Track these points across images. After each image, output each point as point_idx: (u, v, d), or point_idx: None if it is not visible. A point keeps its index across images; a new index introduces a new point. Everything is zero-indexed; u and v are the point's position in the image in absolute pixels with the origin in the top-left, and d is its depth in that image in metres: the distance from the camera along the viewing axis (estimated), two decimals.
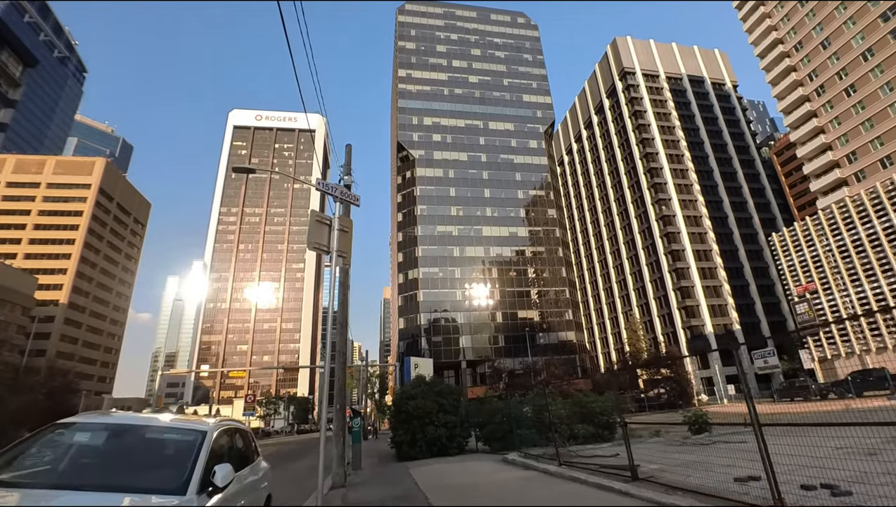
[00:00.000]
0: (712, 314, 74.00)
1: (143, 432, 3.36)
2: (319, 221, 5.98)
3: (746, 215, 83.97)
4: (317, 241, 5.96)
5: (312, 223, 5.83)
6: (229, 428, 3.99)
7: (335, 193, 6.86)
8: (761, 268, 79.82)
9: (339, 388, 9.71)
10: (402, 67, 79.87)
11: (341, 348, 10.16)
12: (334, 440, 9.29)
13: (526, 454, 11.82)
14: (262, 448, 21.96)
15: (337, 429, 9.36)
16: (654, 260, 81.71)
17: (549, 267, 72.72)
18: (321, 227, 5.90)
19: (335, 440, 9.26)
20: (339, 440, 9.26)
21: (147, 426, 3.44)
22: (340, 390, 9.72)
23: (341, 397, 9.69)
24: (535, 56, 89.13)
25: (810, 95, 59.05)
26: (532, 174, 78.11)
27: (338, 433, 9.29)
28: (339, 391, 9.64)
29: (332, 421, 9.55)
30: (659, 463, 8.14)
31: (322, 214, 6.05)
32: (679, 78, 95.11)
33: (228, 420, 4.25)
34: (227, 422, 4.07)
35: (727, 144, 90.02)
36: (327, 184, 6.77)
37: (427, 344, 61.79)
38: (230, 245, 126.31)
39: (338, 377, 9.76)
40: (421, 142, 74.79)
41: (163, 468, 3.11)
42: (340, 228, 6.08)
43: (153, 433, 3.39)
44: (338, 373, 9.84)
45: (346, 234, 6.09)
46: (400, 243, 69.91)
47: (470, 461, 12.58)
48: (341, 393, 9.69)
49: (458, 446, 14.58)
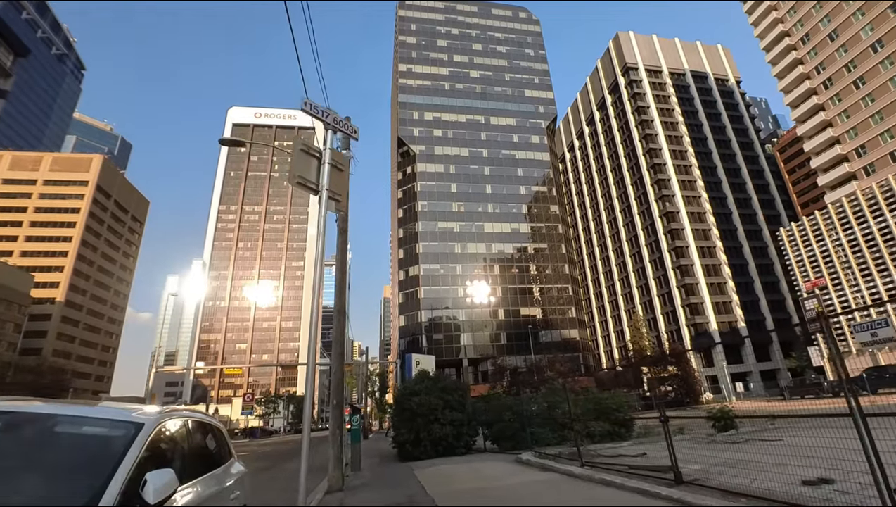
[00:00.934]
0: (717, 312, 73.03)
1: (52, 423, 2.36)
2: (306, 151, 4.90)
3: (750, 212, 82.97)
4: (301, 175, 4.86)
5: (297, 154, 4.76)
6: (186, 422, 3.00)
7: (327, 119, 5.71)
8: (766, 265, 78.85)
9: (337, 383, 8.73)
10: (402, 62, 78.82)
11: (338, 338, 9.15)
12: (331, 439, 8.31)
13: (541, 454, 10.84)
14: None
15: (333, 427, 8.38)
16: (657, 257, 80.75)
17: (551, 264, 71.72)
18: (308, 159, 4.86)
19: (331, 440, 8.28)
20: (335, 439, 8.28)
21: (58, 416, 2.43)
22: (338, 384, 8.74)
23: (339, 392, 8.71)
24: (536, 51, 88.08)
25: (818, 89, 58.03)
26: (534, 170, 77.08)
27: (334, 432, 8.31)
28: (335, 386, 8.66)
29: (330, 419, 8.57)
30: (698, 463, 7.16)
31: (309, 145, 4.96)
32: (682, 74, 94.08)
33: (189, 411, 3.26)
34: (182, 413, 3.06)
35: (731, 140, 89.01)
36: (318, 107, 5.62)
37: (428, 342, 60.81)
38: (229, 243, 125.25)
39: (335, 372, 8.78)
40: (421, 137, 73.76)
41: (70, 474, 2.11)
42: (333, 162, 4.97)
43: (66, 426, 2.38)
44: (334, 366, 8.85)
45: (341, 172, 5.05)
46: (400, 240, 68.90)
47: (479, 461, 11.61)
48: (339, 388, 8.71)
49: (465, 445, 13.64)
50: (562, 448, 11.41)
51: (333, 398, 8.47)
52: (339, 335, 9.07)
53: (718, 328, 70.90)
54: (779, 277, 77.75)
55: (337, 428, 8.38)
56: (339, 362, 8.83)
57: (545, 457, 10.48)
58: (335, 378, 8.63)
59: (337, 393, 8.57)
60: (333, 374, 8.67)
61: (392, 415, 15.49)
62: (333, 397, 8.48)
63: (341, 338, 8.93)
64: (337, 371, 8.69)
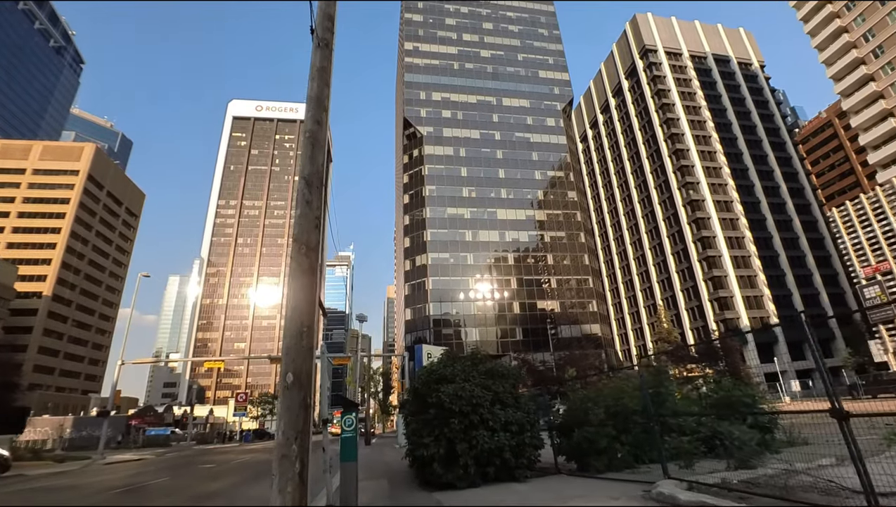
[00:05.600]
0: (747, 306, 67.60)
1: None
2: None
3: (780, 201, 77.48)
4: None
5: None
6: None
7: None
8: (797, 257, 73.27)
9: (292, 326, 3.68)
10: (408, 40, 74.02)
11: (303, 223, 4.14)
12: (278, 459, 3.22)
13: (697, 487, 5.69)
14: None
15: (289, 430, 3.31)
16: (680, 249, 75.43)
17: (569, 254, 66.45)
18: None
19: (277, 464, 3.18)
20: (288, 459, 3.18)
21: None
22: (296, 332, 3.67)
23: (298, 353, 3.63)
24: (550, 31, 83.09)
25: (866, 58, 52.70)
26: (550, 154, 71.96)
27: (287, 443, 3.23)
28: (292, 332, 3.62)
29: (278, 415, 3.49)
30: None
31: None
32: (703, 57, 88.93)
33: None
34: None
35: (756, 125, 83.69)
36: None
37: (436, 337, 55.65)
38: (228, 239, 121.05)
39: (292, 295, 3.75)
40: (429, 118, 68.80)
41: None
42: None
43: None
44: (292, 289, 3.82)
45: None
46: (406, 227, 63.90)
47: (578, 499, 6.40)
48: (297, 339, 3.64)
49: (528, 463, 8.64)
50: (719, 470, 6.26)
51: (284, 369, 3.42)
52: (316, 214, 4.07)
53: (750, 325, 65.37)
54: (811, 270, 72.23)
55: (295, 435, 3.29)
56: (303, 282, 3.80)
57: (707, 491, 5.35)
58: (290, 320, 3.60)
59: (294, 358, 3.48)
60: (290, 311, 3.65)
61: (406, 413, 10.30)
62: (284, 367, 3.44)
63: (318, 217, 3.97)
64: (297, 298, 3.65)
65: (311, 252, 4.08)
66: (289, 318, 3.79)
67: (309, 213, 4.21)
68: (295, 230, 4.18)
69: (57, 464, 23.09)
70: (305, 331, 3.77)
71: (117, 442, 44.05)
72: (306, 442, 3.48)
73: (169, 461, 23.22)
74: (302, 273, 3.95)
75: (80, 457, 27.64)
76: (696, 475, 6.40)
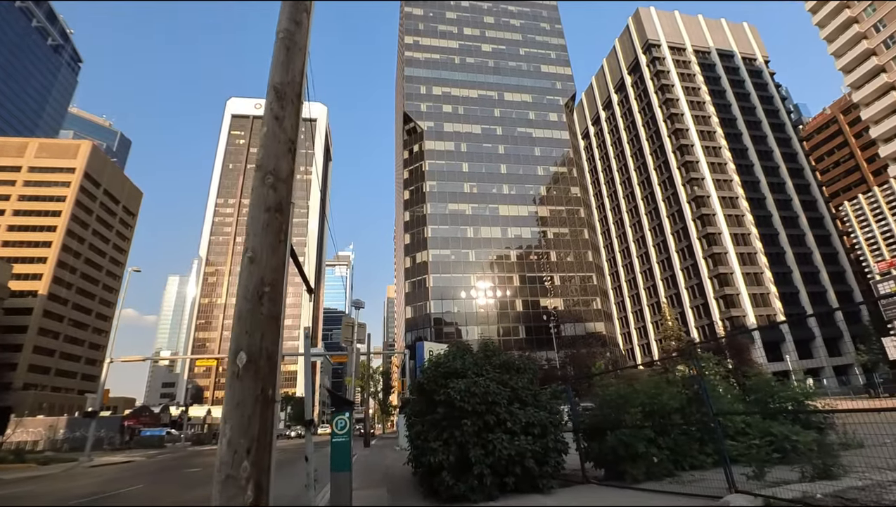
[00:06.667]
0: (754, 304, 66.40)
1: None
2: None
3: (786, 197, 76.34)
4: None
5: None
6: None
7: None
8: (804, 254, 72.09)
9: (248, 284, 2.41)
10: (408, 34, 72.80)
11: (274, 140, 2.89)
12: (220, 482, 1.98)
13: (776, 504, 4.49)
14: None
15: (239, 438, 2.06)
16: (685, 246, 74.24)
17: (573, 250, 65.20)
18: None
19: (223, 484, 1.94)
20: (235, 483, 1.93)
21: None
22: (253, 293, 2.38)
23: (255, 324, 2.35)
24: (552, 25, 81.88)
25: (877, 49, 51.47)
26: (552, 149, 70.72)
27: (235, 458, 1.99)
28: (247, 293, 2.36)
29: (225, 400, 2.27)
30: None
31: None
32: (707, 52, 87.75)
33: None
34: None
35: (761, 121, 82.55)
36: None
37: (437, 335, 54.40)
38: (227, 238, 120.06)
39: (250, 241, 2.48)
40: (430, 113, 67.57)
41: None
42: None
43: None
44: (251, 233, 2.56)
45: None
46: (407, 224, 62.67)
47: None
48: (255, 304, 2.37)
49: (553, 471, 7.42)
50: (773, 476, 5.08)
51: (238, 331, 2.19)
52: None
53: (757, 323, 64.15)
54: (819, 267, 71.08)
55: (247, 446, 2.02)
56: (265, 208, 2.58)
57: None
58: (245, 265, 2.37)
59: (243, 327, 2.22)
60: (251, 221, 2.43)
61: (409, 413, 9.05)
62: (236, 329, 2.21)
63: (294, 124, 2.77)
64: (265, 234, 2.41)
65: (279, 184, 2.89)
66: (244, 273, 2.61)
67: (279, 133, 3.03)
68: (259, 155, 2.99)
69: (39, 467, 21.90)
70: (268, 292, 2.59)
71: (111, 443, 42.85)
72: (265, 457, 2.29)
73: (158, 464, 22.02)
74: (265, 211, 2.77)
75: (67, 459, 26.42)
76: (767, 485, 5.20)
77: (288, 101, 3.13)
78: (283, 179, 2.94)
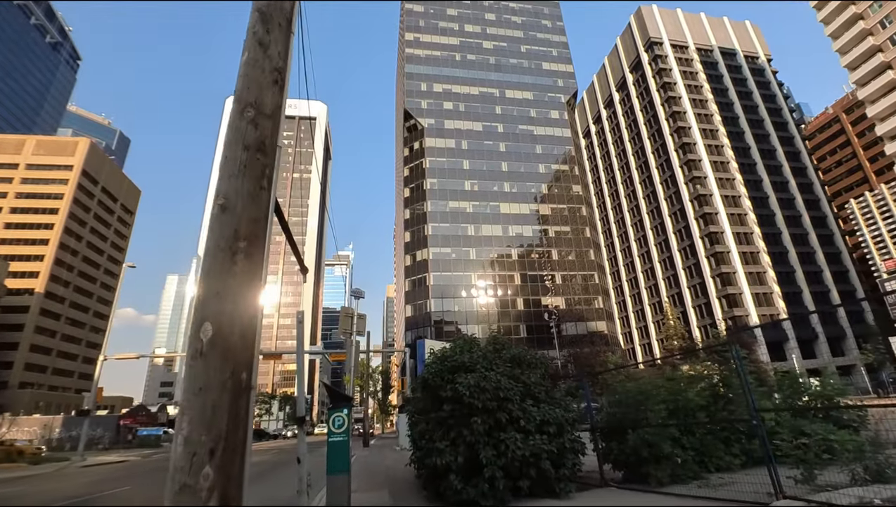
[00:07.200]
0: (756, 303, 65.87)
1: None
2: None
3: (789, 196, 75.76)
4: None
5: None
6: None
7: None
8: (807, 253, 71.54)
9: (217, 236, 1.78)
10: (409, 31, 72.22)
11: None
12: (172, 494, 1.38)
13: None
14: None
15: (199, 434, 1.47)
16: (687, 245, 73.70)
17: (574, 249, 64.64)
18: None
19: (177, 496, 1.39)
20: (192, 493, 1.42)
21: None
22: (224, 247, 1.75)
23: (227, 286, 1.73)
24: (554, 22, 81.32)
25: (883, 45, 50.94)
26: (554, 147, 70.16)
27: (194, 461, 1.42)
28: (216, 246, 1.75)
29: (183, 391, 1.66)
30: None
31: None
32: (710, 50, 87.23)
33: None
34: None
35: (764, 119, 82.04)
36: None
37: (438, 334, 53.82)
38: None
39: (223, 186, 1.87)
40: (430, 110, 66.99)
41: None
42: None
43: None
44: (224, 176, 1.95)
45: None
46: (407, 222, 62.08)
47: None
48: (226, 261, 1.76)
49: (570, 474, 6.79)
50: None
51: (205, 297, 1.58)
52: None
53: (760, 322, 63.60)
54: (822, 266, 70.53)
55: (210, 446, 1.47)
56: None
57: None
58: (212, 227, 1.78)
59: (221, 269, 1.62)
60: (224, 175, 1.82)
61: (412, 411, 8.46)
62: (205, 296, 1.61)
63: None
64: (243, 176, 1.80)
65: (263, 119, 2.33)
66: (214, 224, 2.03)
67: (263, 61, 2.46)
68: (238, 85, 2.42)
69: (30, 467, 21.33)
70: (244, 247, 2.01)
71: (107, 442, 42.23)
72: (235, 461, 1.72)
73: (151, 464, 21.45)
74: (244, 149, 2.20)
75: (59, 458, 25.86)
76: (815, 490, 4.63)
77: (275, 24, 2.56)
78: (267, 113, 2.37)
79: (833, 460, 5.58)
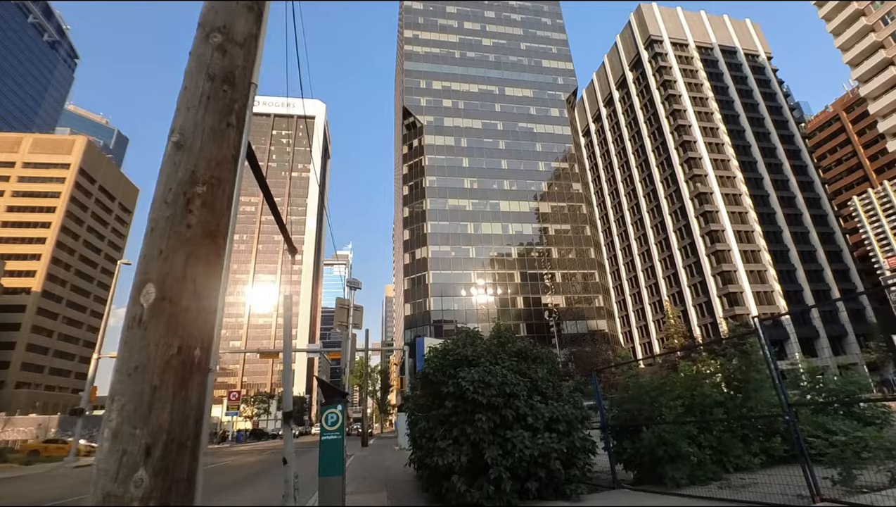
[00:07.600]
0: (757, 302, 65.54)
1: None
2: None
3: (789, 194, 75.43)
4: None
5: None
6: None
7: None
8: (808, 252, 71.23)
9: (169, 179, 1.44)
10: (408, 28, 71.76)
11: None
12: (94, 482, 1.35)
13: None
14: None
15: (131, 426, 1.36)
16: (688, 243, 73.34)
17: (574, 247, 64.23)
18: None
19: (95, 492, 1.36)
20: (114, 476, 1.37)
21: None
22: (177, 193, 1.46)
23: (178, 240, 1.43)
24: (554, 20, 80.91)
25: (886, 42, 50.61)
26: (554, 145, 69.75)
27: (126, 461, 1.38)
28: (166, 193, 1.43)
29: (109, 390, 1.37)
30: None
31: None
32: (710, 48, 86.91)
33: None
34: None
35: (764, 118, 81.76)
36: None
37: (437, 333, 53.43)
38: None
39: (181, 119, 1.48)
40: (429, 107, 66.52)
41: None
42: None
43: None
44: (182, 109, 1.52)
45: None
46: (406, 220, 61.62)
47: None
48: (177, 210, 1.45)
49: (580, 475, 6.36)
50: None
51: (148, 253, 1.41)
52: None
53: (761, 320, 63.16)
54: (823, 265, 70.20)
55: (147, 443, 1.42)
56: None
57: None
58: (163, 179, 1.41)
59: (172, 218, 1.47)
60: None
61: (412, 409, 8.05)
62: (149, 252, 1.40)
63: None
64: (204, 109, 1.45)
65: (231, 46, 1.91)
66: (165, 165, 1.61)
67: None
68: (203, 9, 1.98)
69: (21, 467, 20.91)
70: (201, 192, 1.59)
71: None
72: (183, 462, 1.30)
73: None
74: (208, 79, 1.77)
75: (53, 459, 25.45)
76: (853, 492, 4.22)
77: None
78: (238, 42, 1.95)
79: (871, 459, 5.18)
